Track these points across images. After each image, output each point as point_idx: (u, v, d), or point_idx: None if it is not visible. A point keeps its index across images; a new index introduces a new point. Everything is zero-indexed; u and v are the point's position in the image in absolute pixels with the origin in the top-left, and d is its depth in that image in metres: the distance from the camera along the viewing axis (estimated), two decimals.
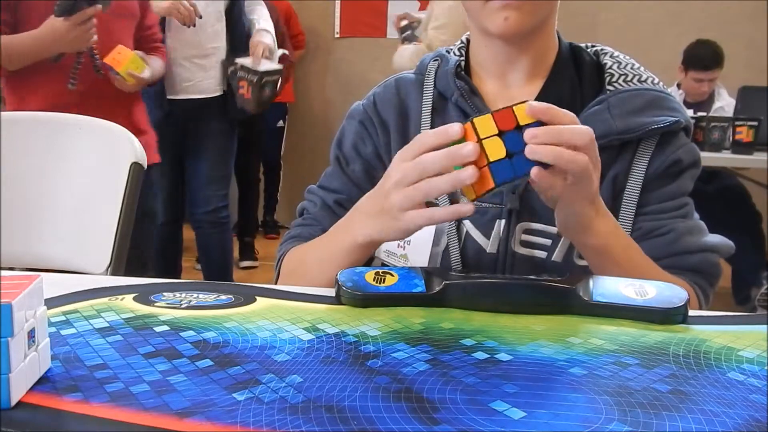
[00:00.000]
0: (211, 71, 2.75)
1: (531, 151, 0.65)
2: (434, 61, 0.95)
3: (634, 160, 0.87)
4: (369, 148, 0.94)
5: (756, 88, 3.36)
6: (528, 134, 0.65)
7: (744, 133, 2.90)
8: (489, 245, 0.87)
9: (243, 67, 2.68)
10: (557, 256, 0.86)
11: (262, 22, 2.83)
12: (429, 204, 0.88)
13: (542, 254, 0.86)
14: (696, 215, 0.90)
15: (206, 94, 2.76)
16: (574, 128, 0.67)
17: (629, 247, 0.81)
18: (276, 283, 0.93)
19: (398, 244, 0.89)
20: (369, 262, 0.89)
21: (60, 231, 1.26)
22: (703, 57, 3.43)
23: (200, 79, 2.74)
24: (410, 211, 0.71)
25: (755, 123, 2.89)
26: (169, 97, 2.72)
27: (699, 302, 0.86)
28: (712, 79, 3.51)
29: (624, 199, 0.87)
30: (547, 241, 0.86)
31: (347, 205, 0.92)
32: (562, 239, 0.85)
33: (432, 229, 0.88)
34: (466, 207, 0.69)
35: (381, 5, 4.74)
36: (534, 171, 0.66)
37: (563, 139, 0.66)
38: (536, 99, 0.89)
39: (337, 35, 4.87)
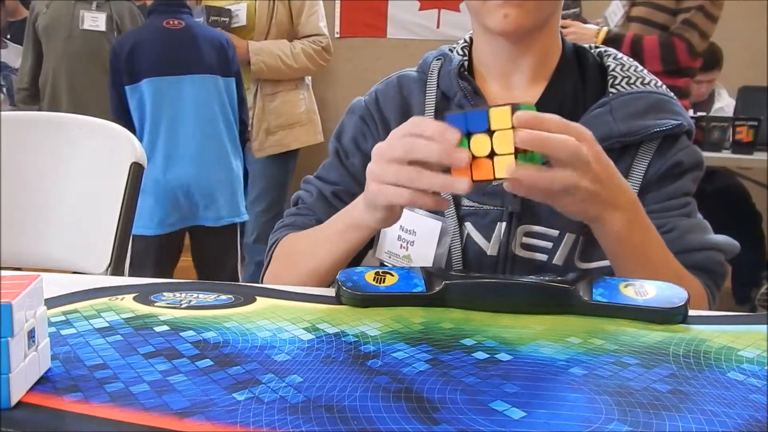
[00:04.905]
0: None
1: (521, 140, 0.63)
2: (437, 60, 0.95)
3: (633, 163, 0.86)
4: (369, 144, 0.94)
5: (756, 88, 3.35)
6: (518, 138, 0.64)
7: (744, 133, 2.90)
8: (490, 248, 0.87)
9: None
10: (558, 259, 0.85)
11: None
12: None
13: (543, 257, 0.86)
14: (699, 215, 0.89)
15: None
16: (561, 138, 0.65)
17: (649, 239, 0.78)
18: (265, 271, 0.93)
19: (401, 245, 0.89)
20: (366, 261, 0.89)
21: (60, 231, 1.26)
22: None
23: None
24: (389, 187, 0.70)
25: (755, 123, 2.88)
26: None
27: (708, 302, 0.84)
28: (711, 80, 3.51)
29: None
30: (548, 244, 0.86)
31: (344, 196, 0.92)
32: (563, 243, 0.85)
33: (437, 229, 0.88)
34: (459, 183, 0.65)
35: (381, 5, 4.73)
36: (507, 185, 0.65)
37: (548, 147, 0.65)
38: (539, 102, 0.89)
39: (337, 35, 4.87)
